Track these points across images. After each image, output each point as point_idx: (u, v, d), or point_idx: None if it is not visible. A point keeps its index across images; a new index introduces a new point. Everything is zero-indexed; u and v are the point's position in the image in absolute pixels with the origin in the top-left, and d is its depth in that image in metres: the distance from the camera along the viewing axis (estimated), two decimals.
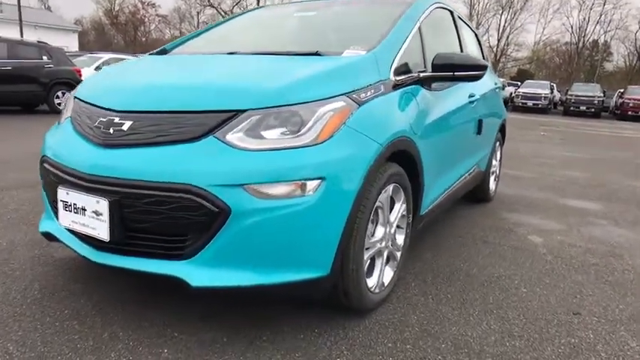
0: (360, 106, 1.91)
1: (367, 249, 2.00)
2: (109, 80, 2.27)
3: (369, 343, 1.88)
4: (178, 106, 1.79)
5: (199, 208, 1.62)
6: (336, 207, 1.74)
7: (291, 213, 1.67)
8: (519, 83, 27.90)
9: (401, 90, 2.25)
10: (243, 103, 1.75)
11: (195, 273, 1.69)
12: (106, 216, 1.71)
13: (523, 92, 23.78)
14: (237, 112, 1.73)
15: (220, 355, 1.76)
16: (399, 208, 2.23)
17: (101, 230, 1.74)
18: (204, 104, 1.77)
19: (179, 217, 1.64)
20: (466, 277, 2.59)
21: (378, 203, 1.99)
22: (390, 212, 2.18)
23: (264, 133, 1.73)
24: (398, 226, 2.33)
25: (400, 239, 2.33)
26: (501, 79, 26.84)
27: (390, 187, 2.09)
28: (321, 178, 1.70)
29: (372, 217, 2.03)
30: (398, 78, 2.25)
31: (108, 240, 1.74)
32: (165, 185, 1.64)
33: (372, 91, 2.02)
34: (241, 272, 1.70)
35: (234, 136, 1.70)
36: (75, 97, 2.21)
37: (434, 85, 2.58)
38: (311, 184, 1.68)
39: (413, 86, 2.37)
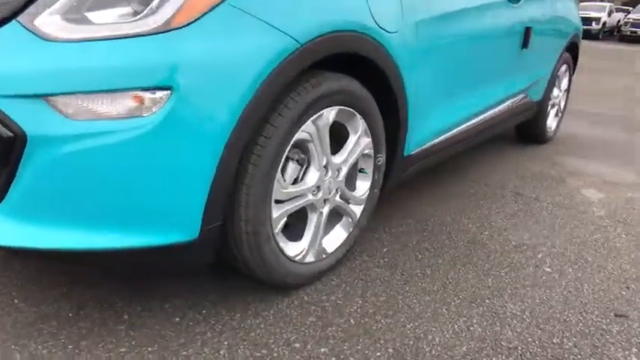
0: None
1: (281, 202, 1.35)
2: None
3: (264, 340, 1.28)
4: None
5: None
6: (197, 136, 1.08)
7: (121, 143, 1.04)
8: (630, 9, 23.92)
9: None
10: None
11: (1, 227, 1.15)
12: None
13: (634, 19, 20.34)
14: None
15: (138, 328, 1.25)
16: (356, 143, 1.52)
17: None
18: None
19: None
20: (468, 243, 1.86)
21: (301, 135, 1.31)
22: (340, 149, 1.49)
23: (92, 16, 1.07)
24: (361, 170, 1.63)
25: (362, 188, 1.64)
26: (609, 4, 23.36)
27: (331, 112, 1.38)
28: (168, 88, 1.04)
29: (293, 156, 1.37)
30: None
31: None
32: None
33: None
34: (64, 230, 1.12)
35: (46, 20, 1.06)
36: None
37: None
38: (152, 98, 1.03)
39: None
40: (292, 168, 1.37)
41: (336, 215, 1.60)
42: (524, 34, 2.44)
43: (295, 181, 1.40)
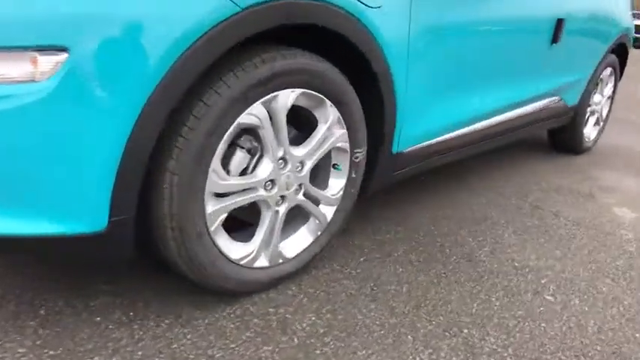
0: None
1: (222, 195, 1.16)
2: None
3: (183, 355, 1.10)
4: None
5: None
6: (99, 109, 0.91)
7: (9, 111, 0.89)
8: None
9: None
10: None
11: None
12: None
13: None
14: None
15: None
16: (325, 134, 1.31)
17: None
18: None
19: None
20: (462, 259, 1.61)
21: (247, 118, 1.11)
22: (306, 139, 1.29)
23: None
24: (334, 166, 1.43)
25: (335, 187, 1.43)
26: None
27: (290, 95, 1.18)
28: (64, 50, 0.87)
29: (243, 143, 1.18)
30: None
31: None
32: None
33: None
34: None
35: None
36: None
37: None
38: (45, 60, 0.87)
39: None
40: (240, 157, 1.18)
41: (302, 216, 1.40)
42: (555, 27, 2.14)
43: (245, 173, 1.21)
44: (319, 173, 1.43)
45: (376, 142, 1.50)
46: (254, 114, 1.12)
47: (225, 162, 1.17)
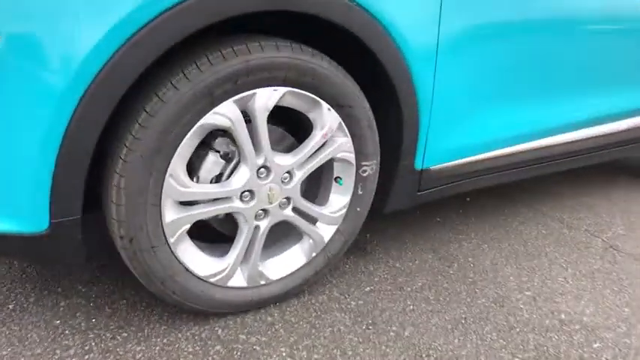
0: None
1: (189, 204, 1.03)
2: None
3: None
4: None
5: None
6: (29, 101, 0.82)
7: None
8: None
9: None
10: None
11: None
12: None
13: None
14: None
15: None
16: (322, 142, 1.13)
17: None
18: None
19: None
20: (493, 303, 1.33)
21: (215, 119, 0.97)
22: (295, 147, 1.12)
23: None
24: (336, 180, 1.24)
25: (337, 204, 1.24)
26: None
27: (273, 94, 1.02)
28: None
29: (219, 147, 1.04)
30: None
31: None
32: None
33: None
34: None
35: None
36: None
37: None
38: None
39: None
40: (211, 162, 1.05)
41: (296, 233, 1.24)
42: None
43: (220, 180, 1.07)
44: (320, 187, 1.26)
45: (394, 156, 1.29)
46: (223, 114, 0.97)
47: (197, 166, 1.05)
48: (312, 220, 1.22)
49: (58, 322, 1.11)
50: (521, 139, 1.53)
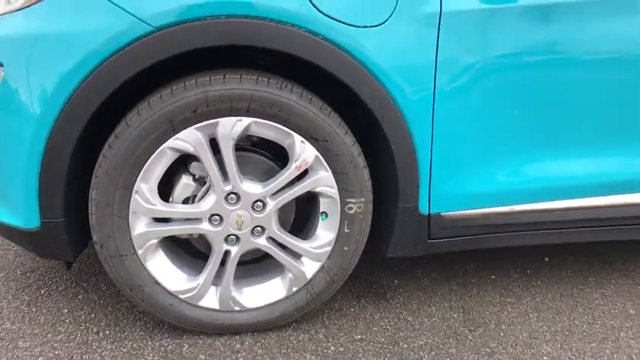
0: None
1: (164, 221, 1.11)
2: None
3: None
4: None
5: None
6: (19, 116, 1.00)
7: None
8: None
9: None
10: None
11: None
12: None
13: None
14: None
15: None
16: (296, 175, 1.11)
17: None
18: None
19: None
20: None
21: (178, 144, 1.04)
22: (275, 176, 1.12)
23: None
24: (322, 213, 1.19)
25: (322, 239, 1.19)
26: None
27: (237, 124, 1.04)
28: None
29: (194, 171, 1.13)
30: None
31: None
32: None
33: None
34: None
35: None
36: None
37: None
38: None
39: None
40: (183, 184, 1.12)
41: (279, 265, 1.22)
42: None
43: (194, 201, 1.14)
44: (307, 221, 1.23)
45: (392, 197, 1.19)
46: (184, 139, 1.04)
47: (173, 187, 1.13)
48: (295, 254, 1.20)
49: (67, 310, 1.29)
50: (568, 192, 1.26)
